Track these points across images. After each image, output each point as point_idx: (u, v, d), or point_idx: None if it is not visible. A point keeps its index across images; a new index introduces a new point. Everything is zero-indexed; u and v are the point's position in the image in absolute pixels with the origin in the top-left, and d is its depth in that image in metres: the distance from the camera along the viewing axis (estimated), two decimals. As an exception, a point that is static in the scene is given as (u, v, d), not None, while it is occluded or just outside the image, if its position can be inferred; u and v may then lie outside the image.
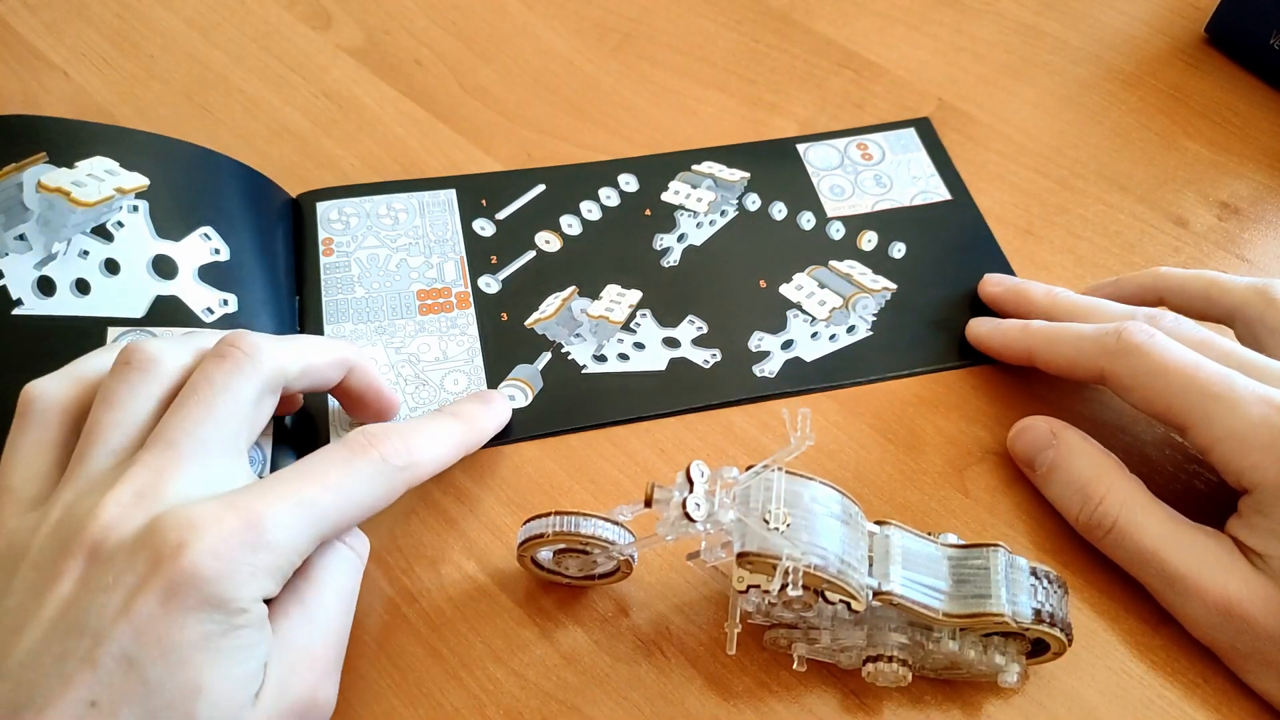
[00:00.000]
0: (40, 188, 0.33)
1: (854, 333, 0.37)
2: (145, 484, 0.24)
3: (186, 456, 0.24)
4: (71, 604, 0.22)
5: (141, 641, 0.22)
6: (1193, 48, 0.47)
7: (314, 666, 0.25)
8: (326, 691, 0.25)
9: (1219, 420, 0.28)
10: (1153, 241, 0.40)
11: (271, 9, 0.47)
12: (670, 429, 0.34)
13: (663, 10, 0.48)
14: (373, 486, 0.26)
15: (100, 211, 0.33)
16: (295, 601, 0.25)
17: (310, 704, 0.25)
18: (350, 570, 0.27)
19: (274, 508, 0.24)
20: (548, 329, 0.36)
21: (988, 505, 0.33)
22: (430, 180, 0.40)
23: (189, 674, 0.22)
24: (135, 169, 0.34)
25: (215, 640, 0.22)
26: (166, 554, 0.22)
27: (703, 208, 0.40)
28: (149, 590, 0.22)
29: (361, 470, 0.26)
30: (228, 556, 0.22)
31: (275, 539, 0.23)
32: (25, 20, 0.46)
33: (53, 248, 0.32)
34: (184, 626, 0.22)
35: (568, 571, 0.30)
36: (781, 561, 0.24)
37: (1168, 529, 0.29)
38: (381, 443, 0.27)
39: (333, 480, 0.25)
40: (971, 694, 0.29)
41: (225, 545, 0.23)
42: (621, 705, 0.28)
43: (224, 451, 0.25)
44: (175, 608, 0.22)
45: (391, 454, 0.27)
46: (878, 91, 0.45)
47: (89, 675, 0.21)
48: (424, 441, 0.28)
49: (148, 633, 0.22)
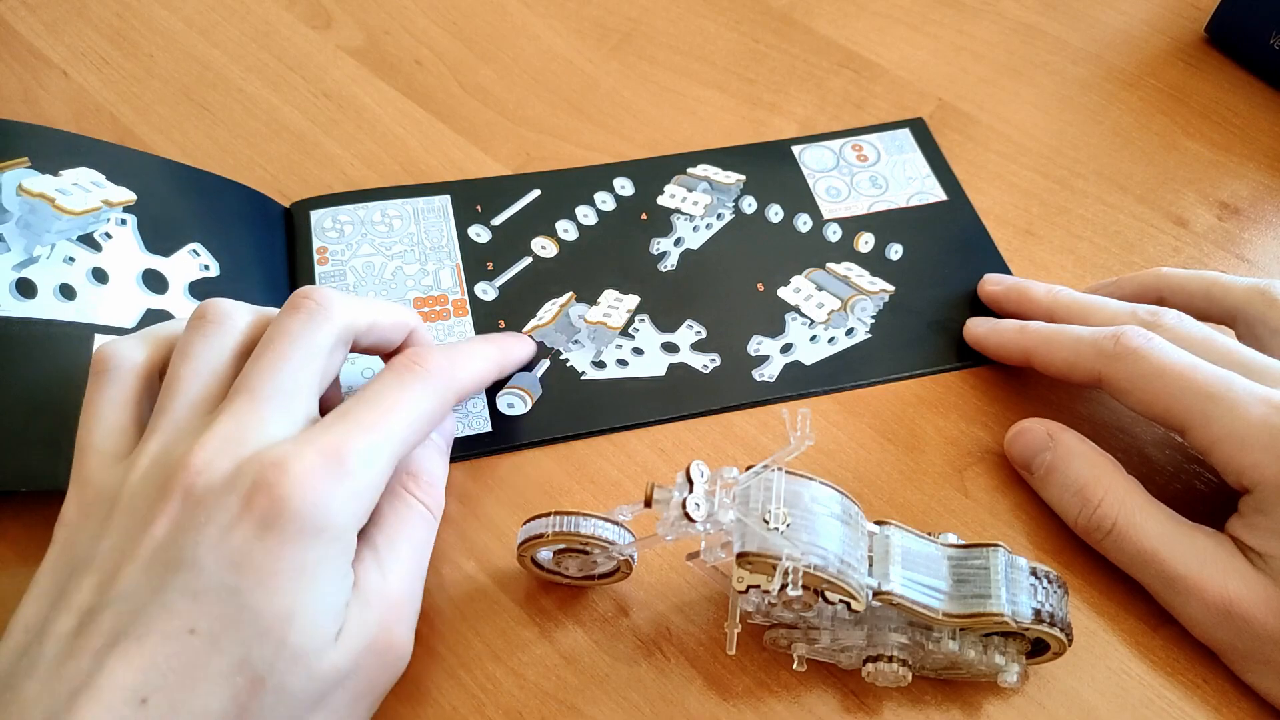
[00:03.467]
0: (22, 191, 0.33)
1: (853, 335, 0.37)
2: (231, 430, 0.25)
3: (267, 403, 0.26)
4: (168, 542, 0.23)
5: (239, 571, 0.23)
6: (1193, 48, 0.47)
7: (390, 609, 0.26)
8: (403, 635, 0.26)
9: (1218, 421, 0.28)
10: (1153, 241, 0.40)
11: (271, 9, 0.47)
12: (670, 429, 0.34)
13: (663, 10, 0.48)
14: (429, 402, 0.28)
15: (87, 221, 0.33)
16: (371, 551, 0.26)
17: (387, 646, 0.26)
18: (424, 525, 0.28)
19: (350, 439, 0.25)
20: (546, 335, 0.36)
21: (987, 505, 0.33)
22: (425, 186, 0.40)
23: (283, 600, 0.23)
24: (122, 184, 0.34)
25: (308, 568, 0.24)
26: (258, 490, 0.23)
27: (699, 211, 0.40)
28: (244, 524, 0.23)
29: (415, 389, 0.27)
30: (315, 487, 0.24)
31: (356, 467, 0.25)
32: (25, 20, 0.46)
33: (34, 251, 0.32)
34: (279, 555, 0.23)
35: (568, 571, 0.30)
36: (781, 561, 0.24)
37: (1167, 530, 0.29)
38: (426, 361, 0.28)
39: (393, 403, 0.27)
40: (971, 694, 0.29)
41: (312, 477, 0.24)
42: (621, 705, 0.28)
43: (301, 397, 0.26)
44: (270, 538, 0.23)
45: (437, 370, 0.28)
46: (877, 91, 0.45)
47: (188, 604, 0.23)
48: (462, 358, 0.30)
49: (244, 562, 0.23)
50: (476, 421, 0.34)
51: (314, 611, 0.24)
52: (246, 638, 0.23)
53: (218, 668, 0.22)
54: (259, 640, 0.23)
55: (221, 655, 0.23)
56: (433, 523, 0.29)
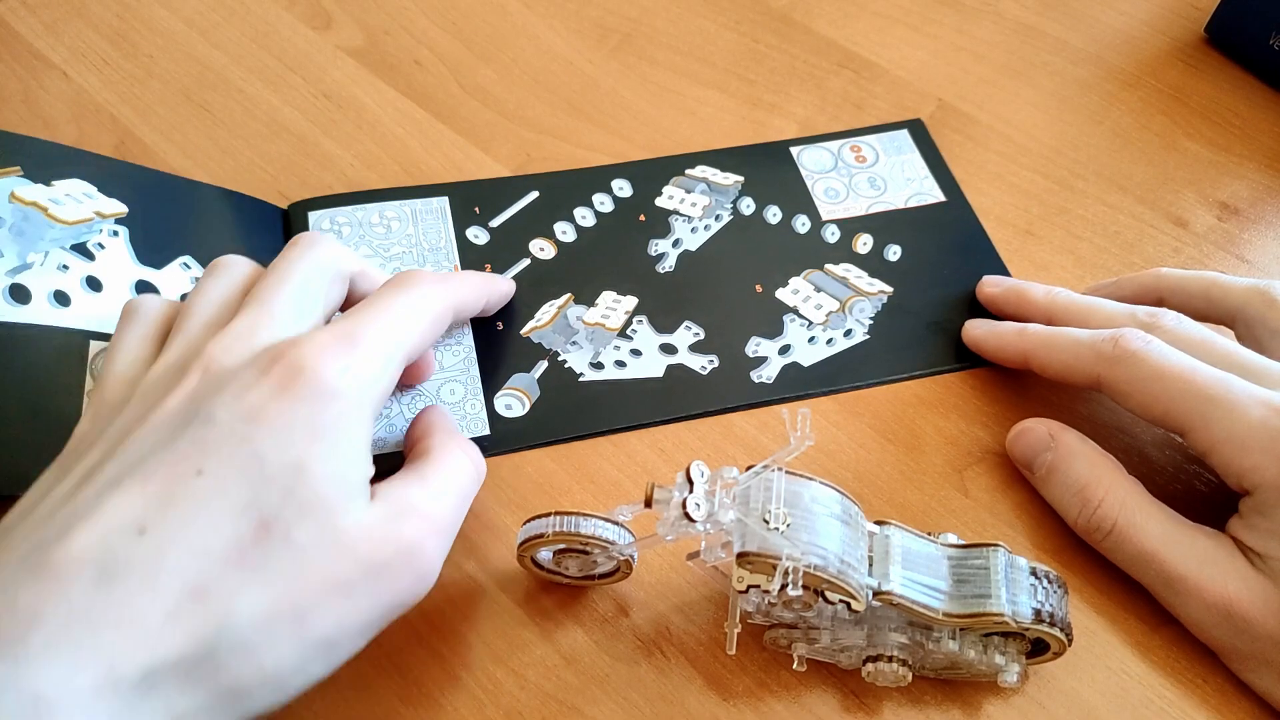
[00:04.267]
0: (14, 199, 0.33)
1: (851, 336, 0.37)
2: (246, 326, 0.26)
3: (279, 307, 0.27)
4: (186, 402, 0.24)
5: (252, 422, 0.24)
6: (1193, 48, 0.47)
7: (425, 521, 0.26)
8: (433, 550, 0.26)
9: (1217, 423, 0.28)
10: (1153, 242, 0.40)
11: (271, 9, 0.47)
12: (670, 430, 0.34)
13: (663, 10, 0.48)
14: (430, 301, 0.29)
15: (80, 231, 0.33)
16: (416, 475, 0.27)
17: (418, 553, 0.25)
18: (467, 474, 0.29)
19: (361, 325, 0.27)
20: (544, 337, 0.36)
21: (988, 505, 0.33)
22: (423, 188, 0.40)
23: (294, 452, 0.23)
24: (114, 195, 0.34)
25: (322, 429, 0.24)
26: (275, 361, 0.25)
27: (697, 212, 0.40)
28: (261, 386, 0.24)
29: (416, 290, 0.29)
30: (330, 358, 0.25)
31: (368, 349, 0.26)
32: (25, 20, 0.46)
33: (27, 257, 0.32)
34: (293, 412, 0.24)
35: (568, 571, 0.30)
36: (781, 561, 0.24)
37: (1167, 530, 0.29)
38: (421, 272, 0.30)
39: (397, 301, 0.28)
40: (971, 694, 0.29)
41: (327, 350, 0.25)
42: (621, 705, 0.29)
43: (309, 307, 0.28)
44: (285, 396, 0.24)
45: (433, 278, 0.30)
46: (877, 92, 0.45)
47: (197, 450, 0.23)
48: (453, 277, 0.33)
49: (258, 416, 0.24)
50: (474, 423, 0.34)
51: (327, 469, 0.24)
52: (255, 482, 0.23)
53: (222, 507, 0.23)
54: (267, 485, 0.23)
55: (227, 496, 0.23)
56: (476, 479, 0.29)
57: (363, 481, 0.25)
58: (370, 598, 0.24)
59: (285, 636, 0.23)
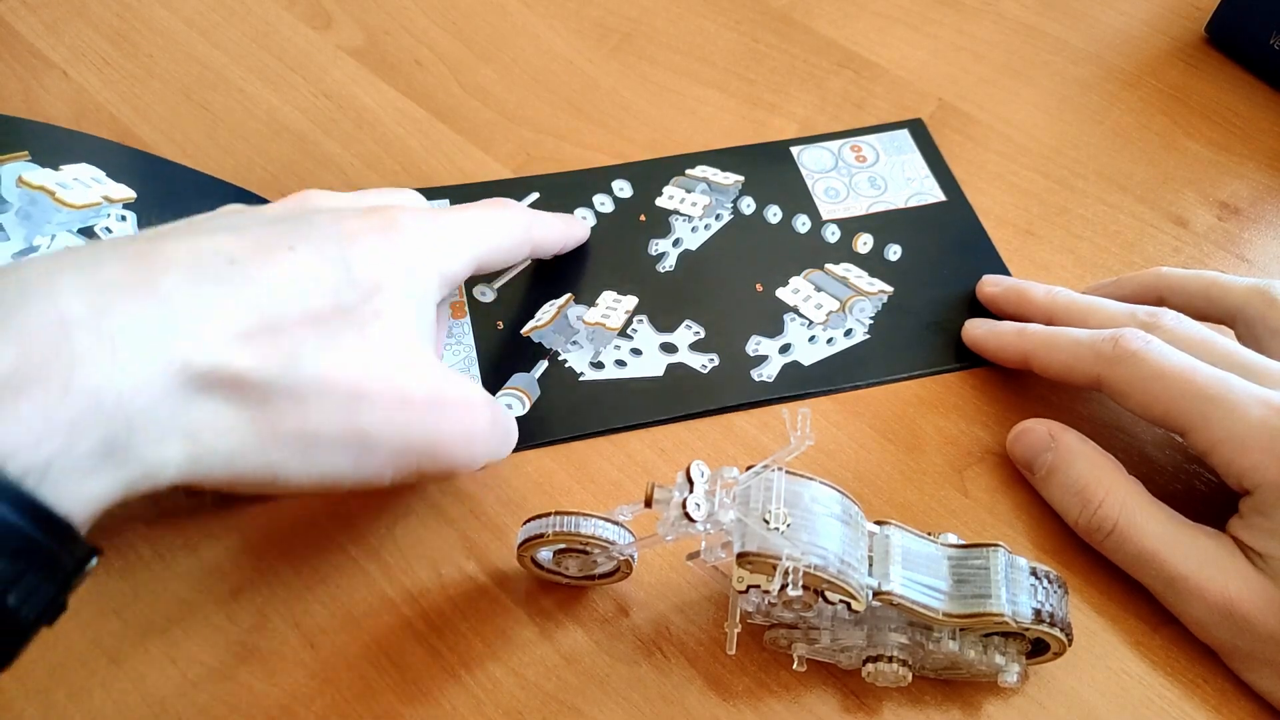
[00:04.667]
0: (21, 183, 0.33)
1: (851, 336, 0.37)
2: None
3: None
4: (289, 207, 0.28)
5: (347, 238, 0.26)
6: (1193, 48, 0.47)
7: (486, 407, 0.29)
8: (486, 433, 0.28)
9: (1217, 423, 0.28)
10: (1153, 241, 0.40)
11: (271, 9, 0.47)
12: (670, 429, 0.34)
13: (663, 10, 0.48)
14: (509, 226, 0.32)
15: (87, 215, 0.33)
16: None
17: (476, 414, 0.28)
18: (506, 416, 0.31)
19: (451, 216, 0.30)
20: (544, 337, 0.36)
21: (988, 505, 0.33)
22: (424, 190, 0.40)
23: (378, 273, 0.26)
24: (121, 181, 0.34)
25: (403, 268, 0.27)
26: (377, 211, 0.27)
27: (697, 212, 0.40)
28: (362, 220, 0.27)
29: (498, 214, 0.32)
30: (420, 223, 0.28)
31: (454, 230, 0.29)
32: (25, 20, 0.46)
33: (34, 240, 0.32)
34: (383, 245, 0.26)
35: (568, 571, 0.30)
36: (781, 561, 0.24)
37: (1168, 530, 0.29)
38: (510, 201, 0.33)
39: (479, 218, 0.31)
40: (971, 694, 0.29)
41: (419, 216, 0.28)
42: (621, 705, 0.28)
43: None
44: (376, 232, 0.26)
45: (519, 209, 0.33)
46: (877, 92, 0.45)
47: (293, 233, 0.25)
48: (539, 214, 0.35)
49: (353, 235, 0.26)
50: (476, 421, 0.34)
51: (404, 298, 0.26)
52: (340, 278, 0.25)
53: (308, 277, 0.24)
54: (351, 286, 0.25)
55: (313, 273, 0.24)
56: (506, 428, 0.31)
57: (429, 336, 0.27)
58: (423, 423, 0.26)
59: (337, 406, 0.24)
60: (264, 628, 0.29)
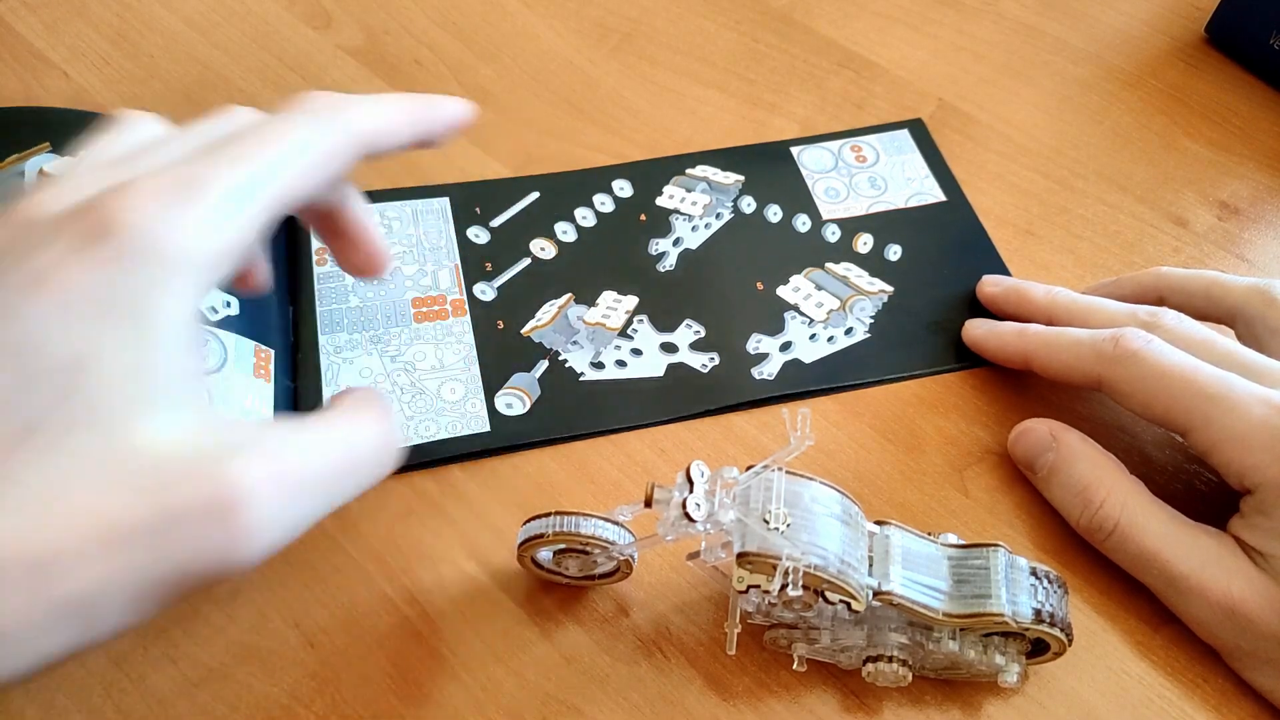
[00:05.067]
0: (43, 175, 0.33)
1: (852, 335, 0.37)
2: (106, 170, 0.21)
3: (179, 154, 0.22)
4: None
5: (35, 288, 0.18)
6: (1193, 48, 0.47)
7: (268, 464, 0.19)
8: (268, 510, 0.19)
9: (1218, 422, 0.28)
10: (1153, 241, 0.40)
11: (271, 9, 0.47)
12: (670, 429, 0.34)
13: (663, 10, 0.48)
14: (309, 140, 0.22)
15: None
16: (290, 419, 0.21)
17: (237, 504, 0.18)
18: (367, 440, 0.22)
19: (213, 168, 0.21)
20: (544, 336, 0.36)
21: (988, 505, 0.33)
22: (424, 188, 0.40)
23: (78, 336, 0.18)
24: None
25: (121, 302, 0.18)
26: (90, 209, 0.19)
27: (698, 211, 0.40)
28: (58, 242, 0.18)
29: (299, 122, 0.23)
30: (155, 209, 0.19)
31: (216, 198, 0.20)
32: (25, 20, 0.46)
33: None
34: (86, 279, 0.18)
35: (568, 571, 0.30)
36: (781, 561, 0.24)
37: (1169, 530, 0.29)
38: (307, 99, 0.24)
39: (269, 137, 0.22)
40: (971, 694, 0.29)
41: (155, 198, 0.19)
42: (621, 705, 0.28)
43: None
44: (81, 258, 0.18)
45: (320, 107, 0.23)
46: (877, 92, 0.45)
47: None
48: (358, 100, 0.25)
49: (43, 281, 0.18)
50: (475, 422, 0.34)
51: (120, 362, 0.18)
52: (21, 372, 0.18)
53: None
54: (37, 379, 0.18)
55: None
56: (379, 452, 0.22)
57: (178, 382, 0.19)
58: (150, 553, 0.18)
59: (20, 587, 0.17)
60: (264, 627, 0.29)
